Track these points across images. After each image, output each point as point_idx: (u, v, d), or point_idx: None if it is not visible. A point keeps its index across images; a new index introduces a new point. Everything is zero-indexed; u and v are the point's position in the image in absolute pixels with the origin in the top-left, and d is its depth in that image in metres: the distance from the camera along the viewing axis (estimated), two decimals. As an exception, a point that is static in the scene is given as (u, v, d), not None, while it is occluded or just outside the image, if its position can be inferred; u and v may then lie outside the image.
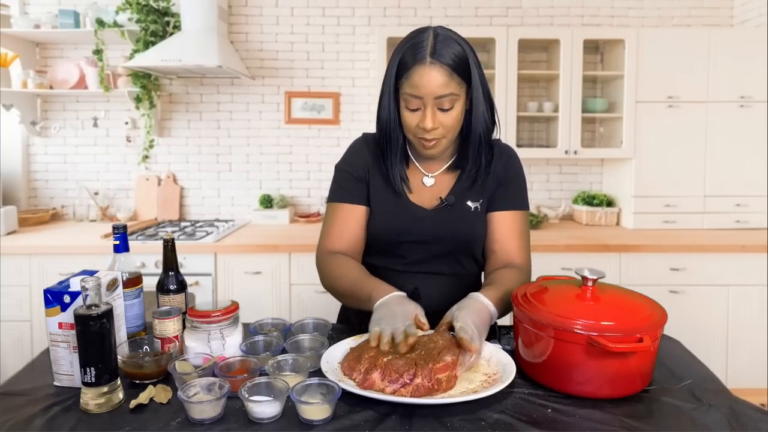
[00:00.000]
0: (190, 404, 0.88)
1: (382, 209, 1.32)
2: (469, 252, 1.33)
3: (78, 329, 0.91)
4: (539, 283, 1.13)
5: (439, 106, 1.16)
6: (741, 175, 3.03)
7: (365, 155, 1.35)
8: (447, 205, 1.30)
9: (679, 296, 2.74)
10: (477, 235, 1.31)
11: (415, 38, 1.17)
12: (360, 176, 1.34)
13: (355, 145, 1.40)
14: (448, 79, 1.14)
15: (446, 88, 1.14)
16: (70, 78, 3.18)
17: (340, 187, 1.35)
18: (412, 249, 1.31)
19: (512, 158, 1.35)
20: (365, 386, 0.94)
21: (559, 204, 3.43)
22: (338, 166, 1.38)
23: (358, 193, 1.33)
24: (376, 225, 1.32)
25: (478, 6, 3.31)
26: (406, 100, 1.18)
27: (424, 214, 1.30)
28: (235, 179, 3.41)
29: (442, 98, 1.15)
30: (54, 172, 3.38)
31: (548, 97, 3.30)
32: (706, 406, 0.92)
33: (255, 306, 2.70)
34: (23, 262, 2.67)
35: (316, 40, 3.33)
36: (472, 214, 1.30)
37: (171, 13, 3.13)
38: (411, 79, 1.15)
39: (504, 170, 1.33)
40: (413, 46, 1.16)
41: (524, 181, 1.36)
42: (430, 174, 1.33)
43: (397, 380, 0.93)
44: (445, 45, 1.15)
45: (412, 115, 1.19)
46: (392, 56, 1.21)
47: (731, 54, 2.96)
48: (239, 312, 1.11)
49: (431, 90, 1.14)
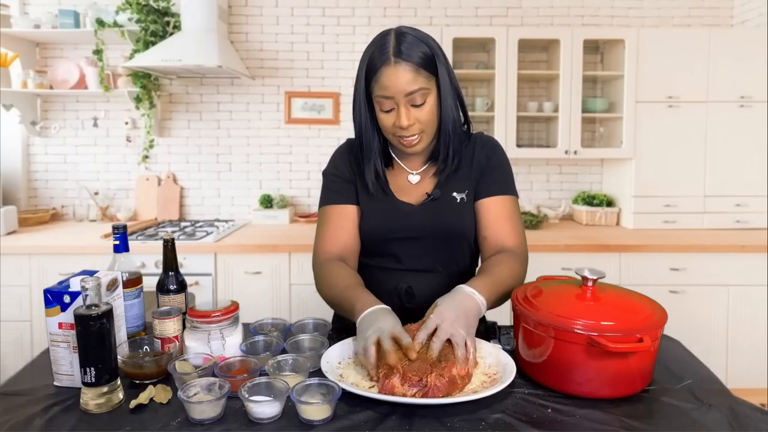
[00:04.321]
0: (190, 404, 0.88)
1: (370, 209, 1.33)
2: (459, 245, 1.33)
3: (78, 329, 0.91)
4: (539, 283, 1.13)
5: (411, 103, 1.18)
6: (741, 175, 3.03)
7: (350, 158, 1.37)
8: (433, 198, 1.30)
9: (679, 296, 2.74)
10: (466, 226, 1.31)
11: (379, 41, 1.19)
12: (348, 178, 1.35)
13: (339, 150, 1.42)
14: (414, 75, 1.16)
15: (414, 83, 1.16)
16: (70, 78, 3.18)
17: (329, 190, 1.36)
18: (402, 246, 1.31)
19: (494, 148, 1.36)
20: (385, 391, 0.93)
21: (559, 204, 3.43)
22: (325, 172, 1.40)
23: (348, 194, 1.35)
24: (366, 225, 1.33)
25: (478, 6, 3.31)
26: (379, 103, 1.20)
27: (410, 209, 1.31)
28: (235, 179, 3.41)
29: (413, 94, 1.16)
30: (54, 172, 3.38)
31: (548, 97, 3.30)
32: (706, 406, 0.92)
33: (255, 306, 2.70)
34: (23, 262, 2.67)
35: (316, 40, 3.33)
36: (459, 204, 1.31)
37: (171, 13, 3.13)
38: (380, 81, 1.17)
39: (486, 159, 1.34)
40: (377, 49, 1.18)
41: (509, 168, 1.36)
42: (415, 171, 1.34)
43: (418, 383, 0.92)
44: (409, 44, 1.17)
45: (387, 116, 1.21)
46: (360, 62, 1.23)
47: (731, 54, 2.96)
48: (239, 312, 1.11)
49: (400, 88, 1.15)
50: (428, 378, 0.92)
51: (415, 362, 0.95)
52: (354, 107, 1.27)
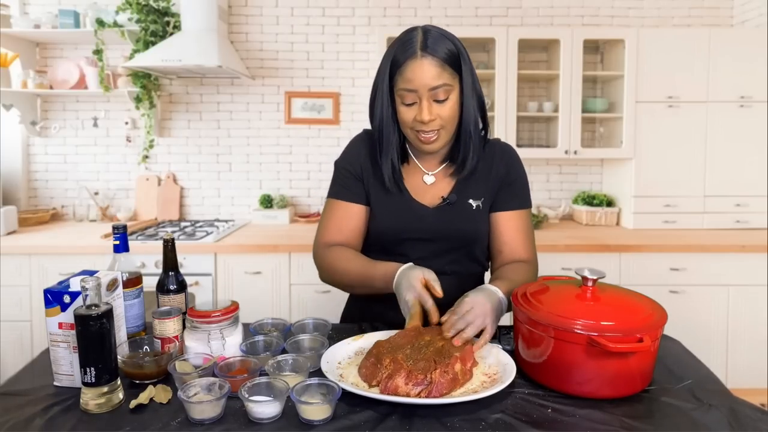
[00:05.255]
0: (190, 404, 0.88)
1: (384, 208, 1.33)
2: (470, 250, 1.34)
3: (78, 329, 0.91)
4: (539, 283, 1.13)
5: (434, 98, 1.18)
6: (741, 175, 3.03)
7: (362, 153, 1.36)
8: (449, 203, 1.31)
9: (679, 296, 2.74)
10: (480, 233, 1.33)
11: (405, 36, 1.20)
12: (357, 174, 1.35)
13: (354, 142, 1.41)
14: (440, 71, 1.16)
15: (439, 78, 1.16)
16: (70, 78, 3.18)
17: (339, 184, 1.37)
18: (414, 247, 1.32)
19: (513, 158, 1.38)
20: (389, 392, 0.93)
21: (559, 204, 3.43)
22: (338, 162, 1.40)
23: (357, 192, 1.35)
24: (379, 223, 1.33)
25: (478, 6, 3.31)
26: (402, 96, 1.20)
27: (426, 212, 1.31)
28: (235, 179, 3.41)
29: (437, 89, 1.17)
30: (54, 172, 3.38)
31: (548, 97, 3.30)
32: (706, 406, 0.92)
33: (255, 306, 2.70)
34: (23, 262, 2.67)
35: (316, 40, 3.33)
36: (475, 212, 1.32)
37: (171, 13, 3.13)
38: (404, 74, 1.17)
39: (506, 170, 1.35)
40: (404, 44, 1.18)
41: (526, 179, 1.39)
42: (430, 172, 1.34)
43: (422, 381, 0.93)
44: (435, 40, 1.18)
45: (409, 110, 1.20)
46: (384, 56, 1.23)
47: (731, 54, 2.96)
48: (239, 312, 1.10)
49: (425, 82, 1.16)
50: (433, 374, 0.93)
51: (420, 361, 0.96)
52: (374, 101, 1.26)
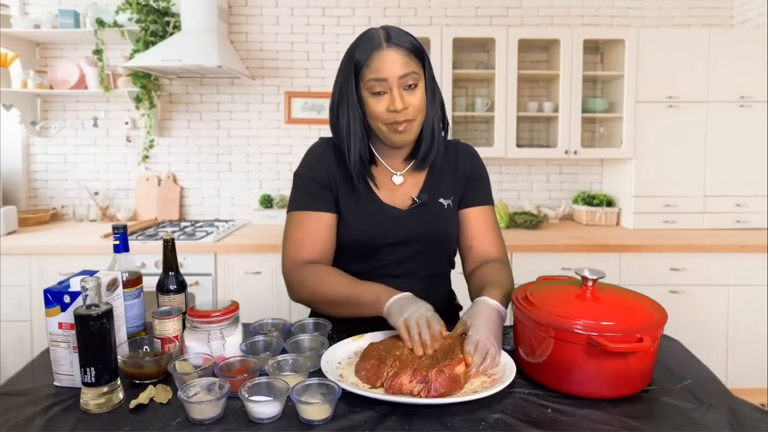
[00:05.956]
0: (190, 404, 0.88)
1: (355, 214, 1.29)
2: (443, 250, 1.35)
3: (78, 329, 0.91)
4: (539, 283, 1.13)
5: (403, 86, 1.18)
6: (741, 175, 3.03)
7: (328, 160, 1.30)
8: (421, 203, 1.31)
9: (679, 296, 2.74)
10: (452, 232, 1.34)
11: (365, 35, 1.21)
12: (324, 182, 1.29)
13: (314, 151, 1.33)
14: (407, 59, 1.18)
15: (407, 66, 1.17)
16: (70, 78, 3.18)
17: (305, 194, 1.29)
18: (388, 251, 1.29)
19: (476, 156, 1.41)
20: (393, 390, 0.93)
21: (559, 204, 3.43)
22: (299, 173, 1.32)
23: (326, 200, 1.28)
24: (352, 230, 1.28)
25: (478, 6, 3.31)
26: (371, 87, 1.19)
27: (399, 214, 1.30)
28: (235, 179, 3.41)
29: (406, 77, 1.17)
30: (54, 172, 3.38)
31: (548, 97, 3.30)
32: (706, 406, 0.92)
33: (255, 306, 2.70)
34: (23, 262, 2.67)
35: (316, 40, 3.33)
36: (446, 211, 1.32)
37: (171, 13, 3.13)
38: (372, 65, 1.17)
39: (471, 168, 1.37)
40: (365, 41, 1.19)
41: (488, 177, 1.42)
42: (398, 172, 1.33)
43: (425, 379, 0.93)
44: (397, 34, 1.20)
45: (379, 101, 1.19)
46: (343, 60, 1.23)
47: (731, 54, 2.96)
48: (239, 312, 1.10)
49: (394, 70, 1.16)
50: (430, 373, 0.93)
51: (426, 360, 0.97)
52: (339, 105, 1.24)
